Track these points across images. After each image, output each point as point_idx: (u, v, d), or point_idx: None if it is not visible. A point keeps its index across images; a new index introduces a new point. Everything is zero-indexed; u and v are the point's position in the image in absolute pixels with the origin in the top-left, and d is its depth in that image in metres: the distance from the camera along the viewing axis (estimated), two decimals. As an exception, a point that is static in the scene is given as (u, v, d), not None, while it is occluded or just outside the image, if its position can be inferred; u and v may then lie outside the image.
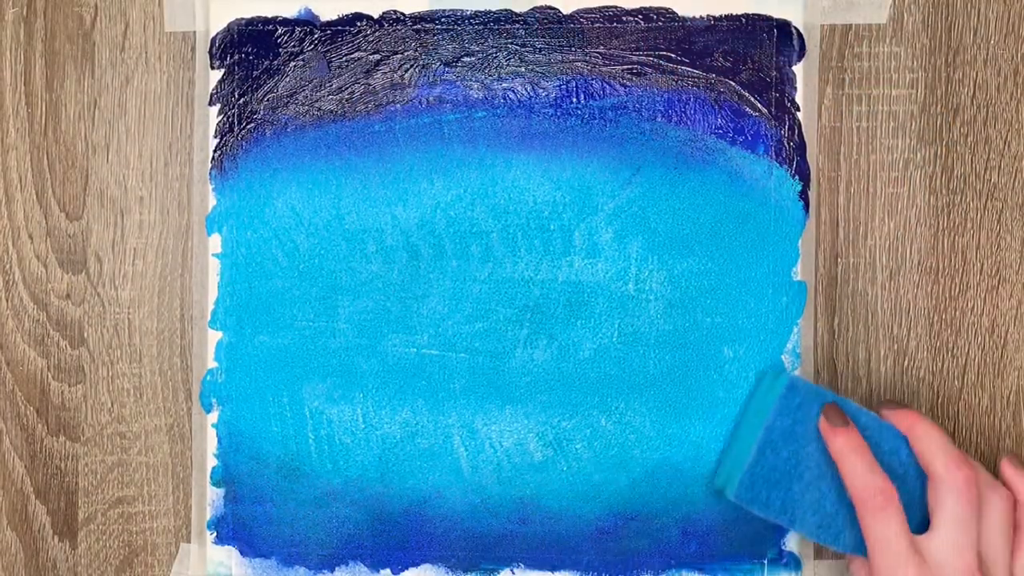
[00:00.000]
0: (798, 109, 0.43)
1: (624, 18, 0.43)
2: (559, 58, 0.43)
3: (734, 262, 0.42)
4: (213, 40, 0.43)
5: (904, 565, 0.34)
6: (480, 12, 0.43)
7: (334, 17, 0.43)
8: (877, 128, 0.43)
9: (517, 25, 0.43)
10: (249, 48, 0.43)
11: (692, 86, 0.42)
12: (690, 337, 0.42)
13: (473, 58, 0.43)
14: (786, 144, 0.42)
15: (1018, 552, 0.36)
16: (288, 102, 0.43)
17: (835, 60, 0.43)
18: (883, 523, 0.34)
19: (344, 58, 0.43)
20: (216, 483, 0.43)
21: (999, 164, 0.43)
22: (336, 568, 0.43)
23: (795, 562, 0.42)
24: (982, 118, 0.43)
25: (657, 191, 0.42)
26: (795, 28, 0.42)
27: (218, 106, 0.43)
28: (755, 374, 0.42)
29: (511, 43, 0.43)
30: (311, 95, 0.43)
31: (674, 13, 0.43)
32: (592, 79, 0.43)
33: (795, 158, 0.42)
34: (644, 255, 0.42)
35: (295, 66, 0.43)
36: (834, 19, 0.43)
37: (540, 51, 0.43)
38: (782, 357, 0.42)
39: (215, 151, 0.43)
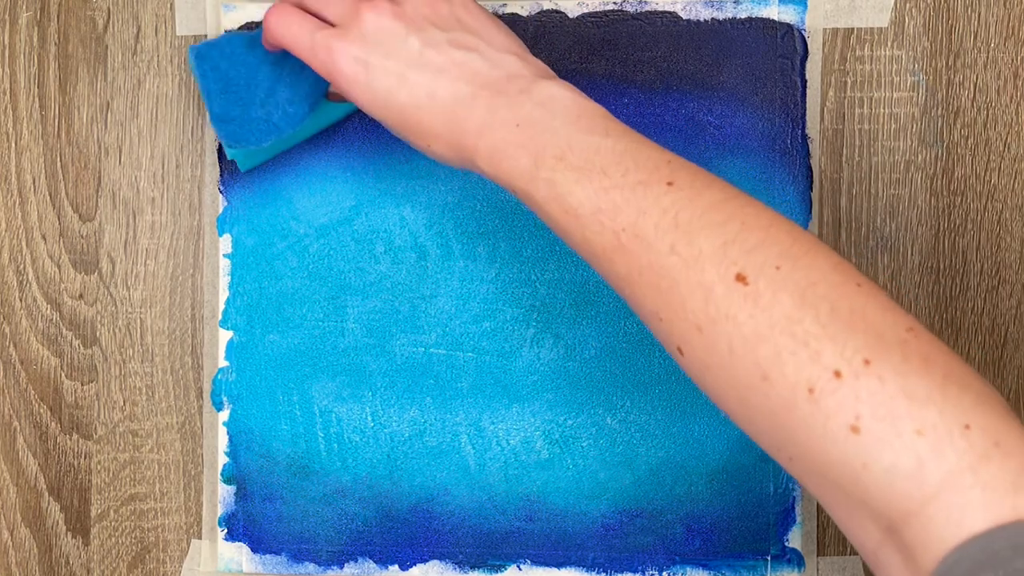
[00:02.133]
0: (801, 111, 0.43)
1: (628, 22, 0.43)
2: (564, 61, 0.43)
3: (738, 262, 0.43)
4: (224, 44, 0.44)
5: (315, 41, 0.35)
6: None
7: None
8: (879, 130, 0.43)
9: (523, 29, 0.43)
10: (259, 51, 0.44)
11: (695, 89, 0.43)
12: (694, 336, 0.43)
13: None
14: (789, 146, 0.43)
15: None
16: (298, 105, 0.44)
17: (837, 63, 0.43)
18: (285, 28, 0.36)
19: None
20: (227, 480, 0.43)
21: (999, 166, 0.43)
22: (345, 564, 0.43)
23: (798, 558, 0.42)
24: (982, 120, 0.43)
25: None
26: (798, 31, 0.43)
27: (229, 109, 0.44)
28: None
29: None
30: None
31: (678, 17, 0.43)
32: (596, 82, 0.43)
33: (798, 160, 0.43)
34: (649, 255, 0.43)
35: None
36: (836, 23, 0.43)
37: (545, 55, 0.43)
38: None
39: (225, 152, 0.44)
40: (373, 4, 0.34)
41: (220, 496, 0.43)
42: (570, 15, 0.43)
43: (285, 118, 0.39)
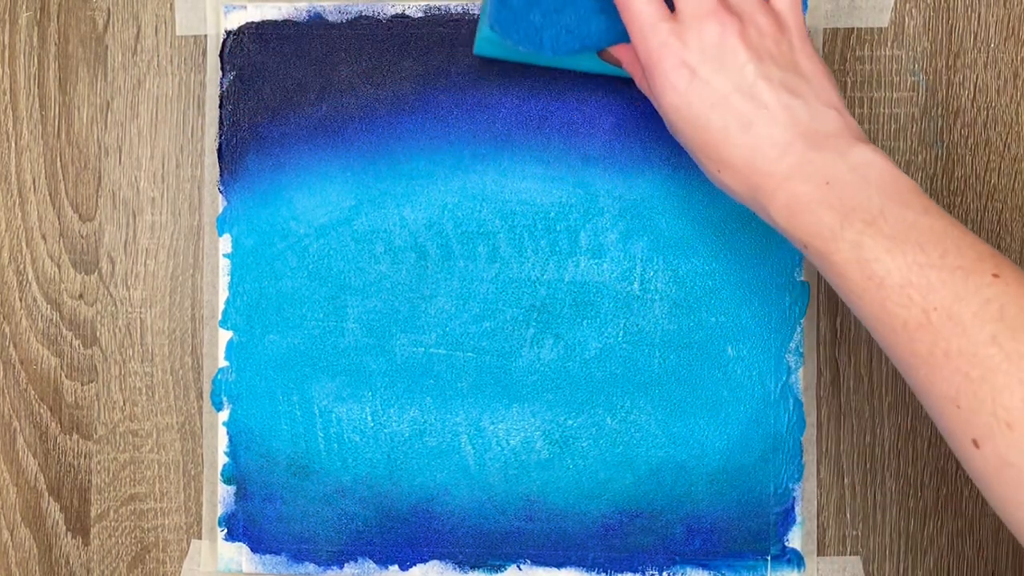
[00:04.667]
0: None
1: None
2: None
3: (738, 262, 0.43)
4: (224, 43, 0.44)
5: (655, 30, 0.34)
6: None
7: (342, 20, 0.44)
8: (879, 130, 0.43)
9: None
10: (259, 51, 0.44)
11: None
12: (694, 337, 0.43)
13: (481, 61, 0.43)
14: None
15: None
16: (297, 104, 0.44)
17: (837, 63, 0.43)
18: None
19: (352, 61, 0.44)
20: (227, 480, 0.43)
21: (999, 166, 0.43)
22: (345, 564, 0.43)
23: (798, 558, 0.42)
24: (982, 120, 0.43)
25: (662, 192, 0.43)
26: (798, 32, 0.43)
27: (228, 108, 0.44)
28: (758, 374, 0.42)
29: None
30: (320, 97, 0.44)
31: (678, 17, 0.43)
32: (597, 82, 0.43)
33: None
34: (649, 255, 0.43)
35: (304, 69, 0.44)
36: (836, 23, 0.43)
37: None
38: (786, 356, 0.42)
39: (225, 153, 0.44)
40: (722, 18, 0.34)
41: (220, 496, 0.43)
42: (570, 15, 0.43)
43: (553, 41, 0.38)
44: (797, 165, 0.32)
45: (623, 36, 0.38)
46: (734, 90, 0.33)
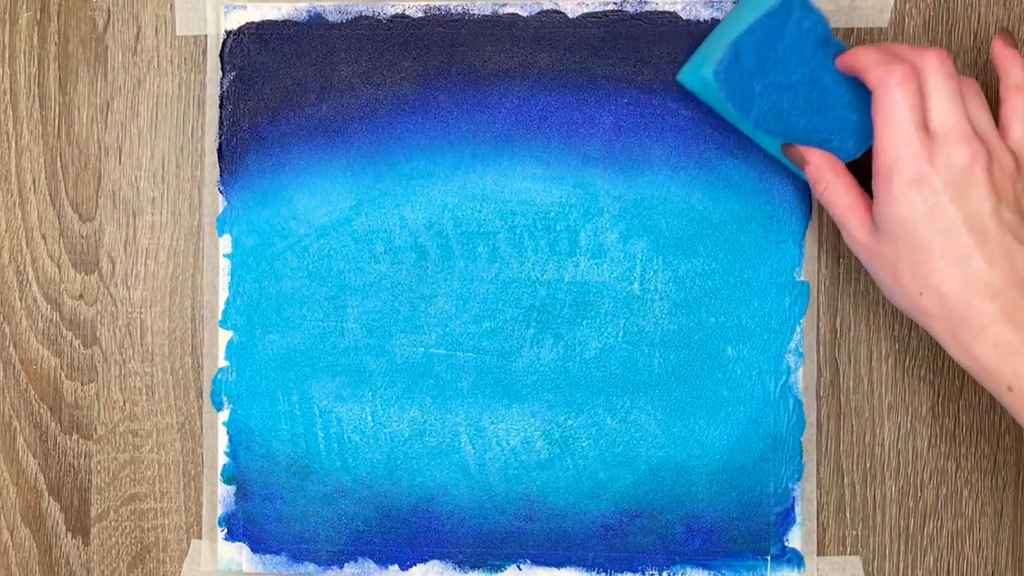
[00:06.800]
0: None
1: (628, 22, 0.43)
2: (564, 61, 0.43)
3: (738, 263, 0.43)
4: (224, 43, 0.44)
5: (910, 139, 0.34)
6: (486, 16, 0.43)
7: (342, 20, 0.44)
8: (879, 130, 0.43)
9: (522, 29, 0.43)
10: (259, 51, 0.44)
11: (696, 89, 0.43)
12: (694, 337, 0.43)
13: (481, 61, 0.43)
14: (789, 146, 0.43)
15: (1009, 123, 0.36)
16: (297, 104, 0.44)
17: (837, 63, 0.43)
18: (899, 96, 0.35)
19: (352, 61, 0.44)
20: (227, 480, 0.43)
21: (999, 166, 0.43)
22: (345, 564, 0.43)
23: (798, 558, 0.42)
24: (982, 120, 0.43)
25: (662, 192, 0.43)
26: (798, 32, 0.43)
27: (228, 108, 0.44)
28: (758, 374, 0.42)
29: (516, 47, 0.43)
30: (320, 97, 0.44)
31: (678, 17, 0.43)
32: (596, 82, 0.43)
33: (798, 160, 0.43)
34: (649, 256, 0.43)
35: (304, 69, 0.44)
36: (836, 23, 0.43)
37: (545, 55, 0.43)
38: (786, 356, 0.42)
39: (225, 153, 0.44)
40: (975, 147, 0.34)
41: (220, 496, 0.43)
42: (570, 15, 0.43)
43: (760, 115, 0.38)
44: (1011, 310, 0.33)
45: (822, 143, 0.39)
46: (965, 221, 0.34)
